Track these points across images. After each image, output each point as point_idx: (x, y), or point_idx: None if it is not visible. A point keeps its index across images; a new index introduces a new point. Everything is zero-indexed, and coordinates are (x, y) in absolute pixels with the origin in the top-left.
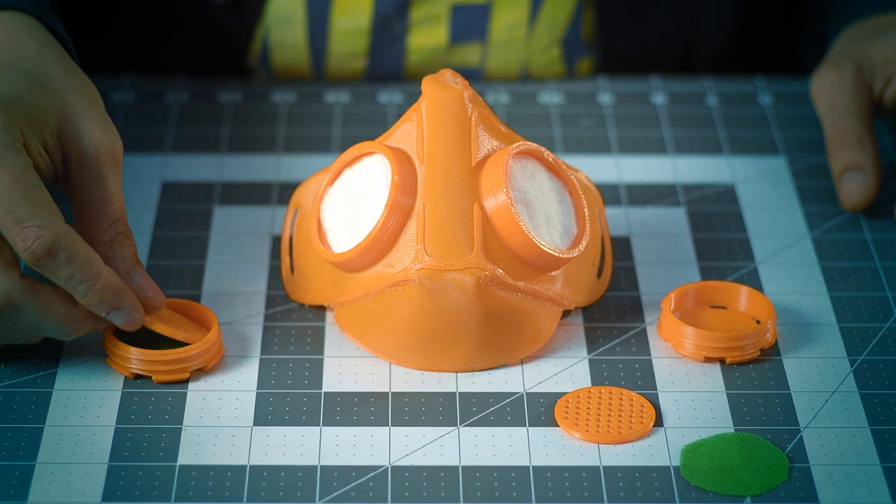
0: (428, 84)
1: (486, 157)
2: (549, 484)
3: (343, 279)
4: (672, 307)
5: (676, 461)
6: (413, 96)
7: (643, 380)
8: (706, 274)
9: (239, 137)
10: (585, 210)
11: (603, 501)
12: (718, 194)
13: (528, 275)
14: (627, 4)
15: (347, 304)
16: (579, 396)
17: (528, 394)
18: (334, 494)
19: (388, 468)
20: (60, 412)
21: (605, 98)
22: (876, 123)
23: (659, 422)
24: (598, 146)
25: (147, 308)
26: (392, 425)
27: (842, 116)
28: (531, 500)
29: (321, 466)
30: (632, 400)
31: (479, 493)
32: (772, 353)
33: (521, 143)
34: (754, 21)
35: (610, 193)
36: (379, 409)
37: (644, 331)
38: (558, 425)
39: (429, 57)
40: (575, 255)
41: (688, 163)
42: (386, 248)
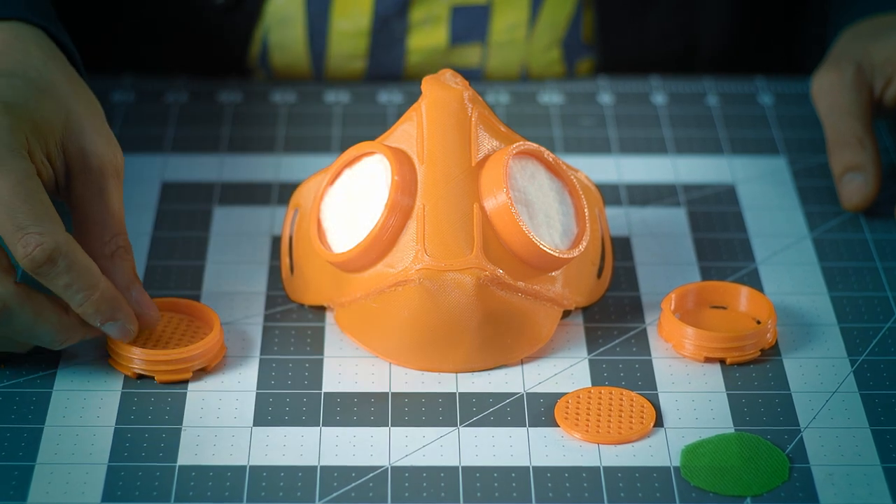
0: (428, 84)
1: (486, 157)
2: (550, 484)
3: (343, 279)
4: (672, 307)
5: (677, 461)
6: (413, 96)
7: (643, 380)
8: (706, 274)
9: (239, 137)
10: (585, 210)
11: (603, 502)
12: (719, 194)
13: (529, 275)
14: (627, 5)
15: (347, 305)
16: (579, 397)
17: (528, 394)
18: (334, 495)
19: (387, 468)
20: (60, 412)
21: (606, 98)
22: (876, 124)
23: (659, 422)
24: (599, 146)
25: (142, 324)
26: (392, 426)
27: (842, 117)
28: (531, 501)
29: (321, 467)
30: (632, 400)
31: (479, 494)
32: (772, 353)
33: (521, 143)
34: (754, 21)
35: (610, 193)
36: (379, 410)
37: (644, 331)
38: (558, 425)
39: (429, 58)
40: (575, 255)
41: (688, 163)
42: (386, 248)
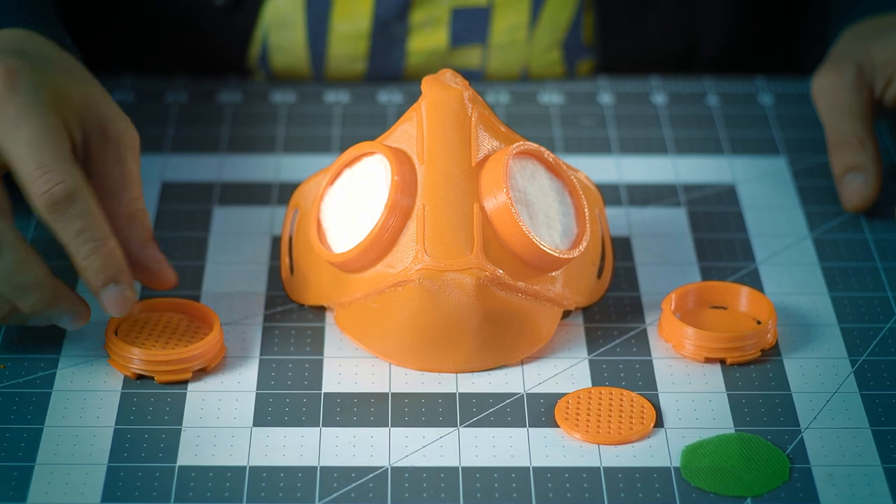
0: (428, 84)
1: (486, 158)
2: (550, 485)
3: (343, 279)
4: (672, 307)
5: (677, 462)
6: (413, 96)
7: (643, 380)
8: (707, 274)
9: (238, 137)
10: (586, 210)
11: (603, 502)
12: (719, 194)
13: (529, 275)
14: (628, 6)
15: (347, 305)
16: (579, 397)
17: (528, 394)
18: (334, 495)
19: (387, 469)
20: (59, 413)
21: (606, 98)
22: (877, 124)
23: (659, 422)
24: (599, 146)
25: (159, 282)
26: (392, 426)
27: (843, 117)
28: (531, 502)
29: (321, 467)
30: (632, 400)
31: (479, 495)
32: (772, 353)
33: (522, 143)
34: (754, 21)
35: (610, 193)
36: (379, 410)
37: (644, 331)
38: (558, 426)
39: (429, 60)
40: (575, 255)
41: (688, 163)
42: (386, 248)
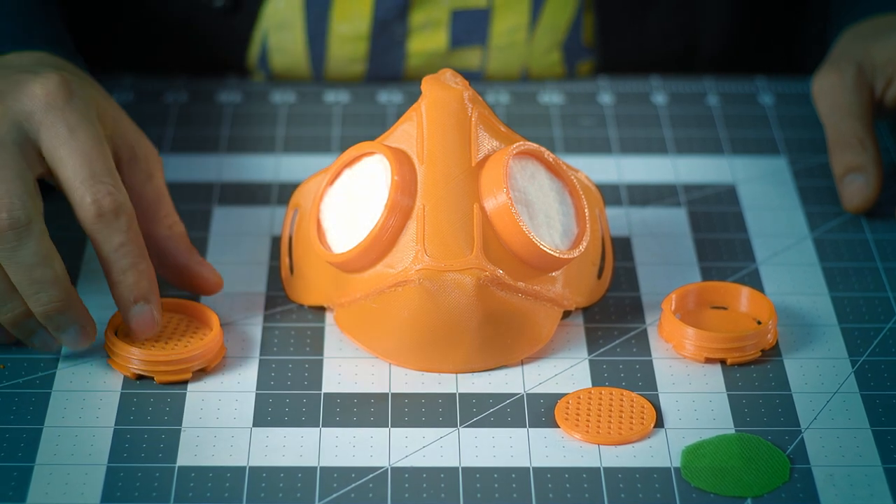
0: (428, 84)
1: (486, 158)
2: (550, 485)
3: (343, 280)
4: (673, 308)
5: (677, 462)
6: (413, 96)
7: (644, 381)
8: (707, 274)
9: (238, 138)
10: (586, 210)
11: (603, 503)
12: (719, 194)
13: (529, 275)
14: (628, 6)
15: (347, 305)
16: (580, 397)
17: (528, 395)
18: (334, 496)
19: (387, 469)
20: (59, 413)
21: (606, 98)
22: (877, 124)
23: (659, 423)
24: (599, 146)
25: (208, 286)
26: (392, 426)
27: (843, 118)
28: (531, 502)
29: (321, 468)
30: (632, 401)
31: (479, 495)
32: (773, 353)
33: (522, 143)
34: (754, 21)
35: (610, 193)
36: (379, 410)
37: (645, 331)
38: (559, 426)
39: (429, 61)
40: (575, 255)
41: (688, 163)
42: (386, 248)
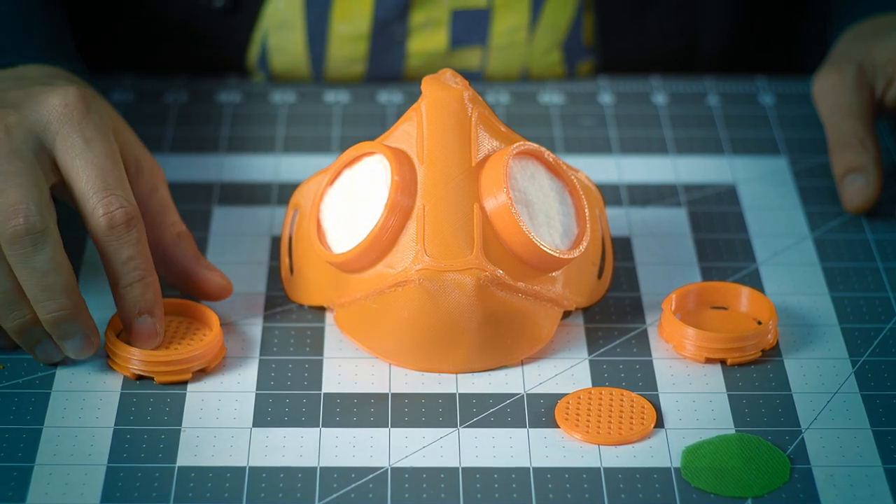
0: (428, 84)
1: (486, 158)
2: (550, 485)
3: (343, 280)
4: (673, 308)
5: (677, 462)
6: (413, 96)
7: (644, 381)
8: (707, 274)
9: (238, 138)
10: (586, 210)
11: (603, 503)
12: (719, 194)
13: (529, 275)
14: (628, 7)
15: (347, 305)
16: (580, 397)
17: (528, 395)
18: (334, 496)
19: (387, 469)
20: (59, 413)
21: (606, 98)
22: (878, 124)
23: (660, 423)
24: (599, 146)
25: (218, 292)
26: (392, 426)
27: (844, 118)
28: (531, 502)
29: (320, 468)
30: (632, 401)
31: (479, 495)
32: (773, 353)
33: (522, 143)
34: (754, 21)
35: (610, 194)
36: (378, 411)
37: (645, 332)
38: (559, 426)
39: (429, 61)
40: (575, 255)
41: (689, 163)
42: (386, 248)
